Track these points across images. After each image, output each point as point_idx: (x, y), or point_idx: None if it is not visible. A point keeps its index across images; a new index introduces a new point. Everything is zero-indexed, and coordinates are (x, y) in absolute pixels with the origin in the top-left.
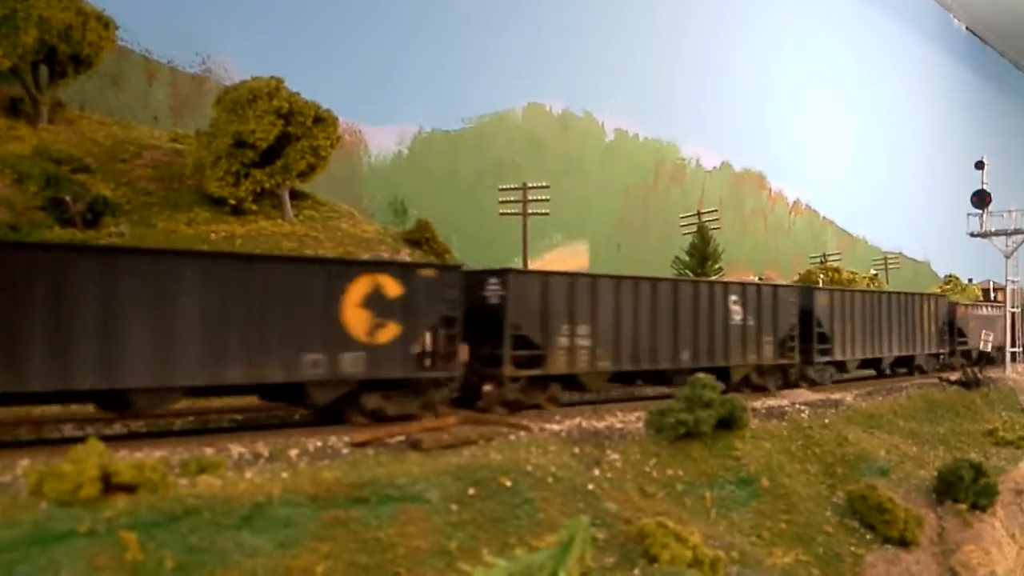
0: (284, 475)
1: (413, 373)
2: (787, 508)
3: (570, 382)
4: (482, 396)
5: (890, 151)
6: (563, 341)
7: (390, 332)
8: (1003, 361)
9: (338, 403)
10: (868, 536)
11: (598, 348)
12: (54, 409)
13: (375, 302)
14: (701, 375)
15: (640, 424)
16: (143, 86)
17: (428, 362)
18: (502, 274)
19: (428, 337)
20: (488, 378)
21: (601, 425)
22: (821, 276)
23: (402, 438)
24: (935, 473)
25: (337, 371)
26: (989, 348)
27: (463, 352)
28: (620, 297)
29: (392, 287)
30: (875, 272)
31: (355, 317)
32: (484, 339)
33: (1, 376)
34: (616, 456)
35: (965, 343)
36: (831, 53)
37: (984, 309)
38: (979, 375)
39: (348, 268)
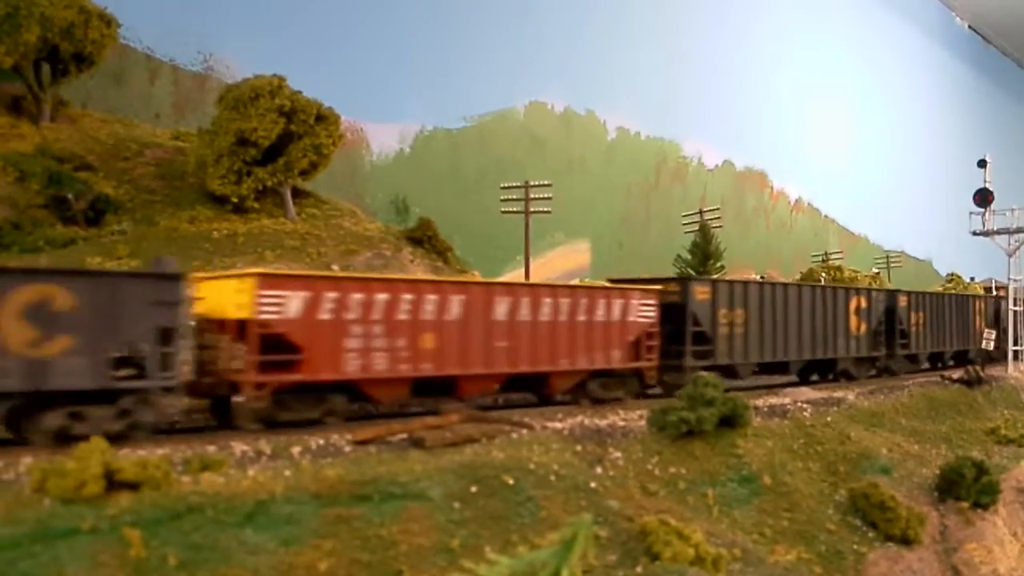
0: (287, 473)
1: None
2: (789, 506)
3: None
4: None
5: (892, 150)
6: None
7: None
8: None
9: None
10: (870, 534)
11: None
12: None
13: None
14: (705, 374)
15: (642, 422)
16: (145, 84)
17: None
18: None
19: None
20: None
21: (603, 423)
22: (823, 275)
23: (404, 436)
24: (937, 471)
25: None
26: (991, 346)
27: None
28: None
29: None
30: (877, 271)
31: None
32: None
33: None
34: (618, 454)
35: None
36: (833, 52)
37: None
38: (981, 373)
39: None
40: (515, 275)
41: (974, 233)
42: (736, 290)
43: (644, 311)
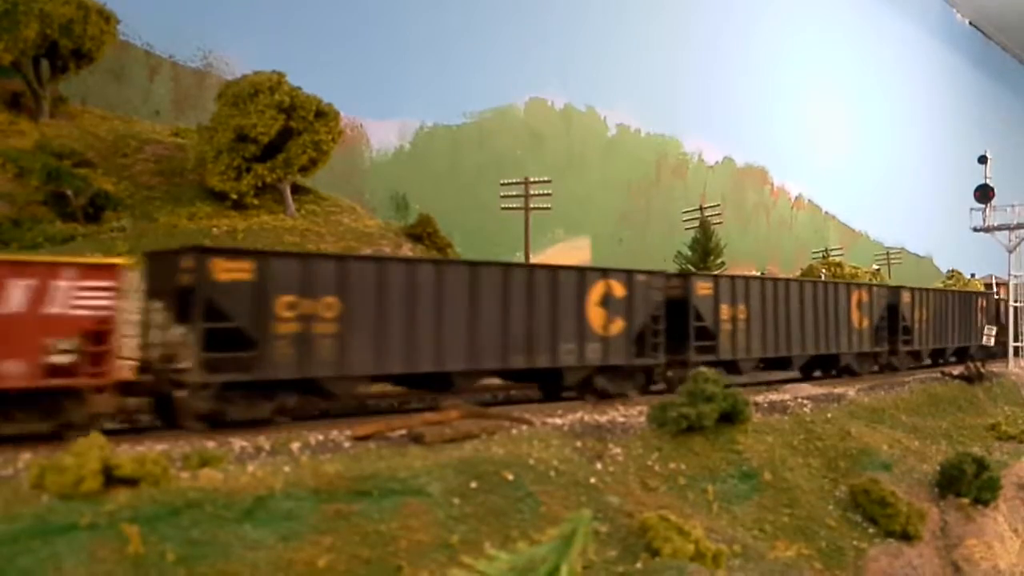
0: (286, 468)
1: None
2: (789, 502)
3: None
4: None
5: (892, 146)
6: None
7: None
8: None
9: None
10: (870, 530)
11: None
12: None
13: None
14: (705, 369)
15: (642, 418)
16: (144, 81)
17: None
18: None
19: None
20: None
21: (603, 419)
22: (823, 271)
23: (404, 432)
24: (937, 467)
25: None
26: (992, 342)
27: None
28: None
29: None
30: (877, 267)
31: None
32: None
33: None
34: (618, 450)
35: None
36: (834, 48)
37: None
38: (982, 369)
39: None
40: None
41: (975, 229)
42: (320, 270)
43: (86, 298)
